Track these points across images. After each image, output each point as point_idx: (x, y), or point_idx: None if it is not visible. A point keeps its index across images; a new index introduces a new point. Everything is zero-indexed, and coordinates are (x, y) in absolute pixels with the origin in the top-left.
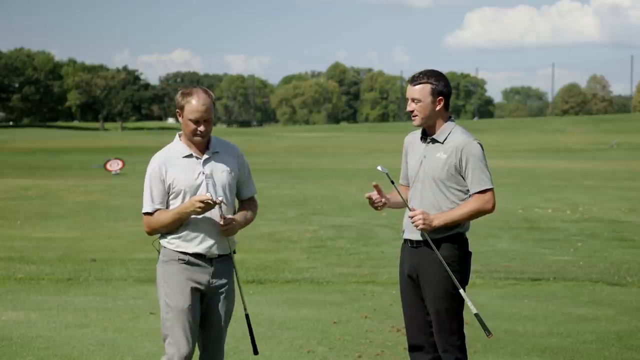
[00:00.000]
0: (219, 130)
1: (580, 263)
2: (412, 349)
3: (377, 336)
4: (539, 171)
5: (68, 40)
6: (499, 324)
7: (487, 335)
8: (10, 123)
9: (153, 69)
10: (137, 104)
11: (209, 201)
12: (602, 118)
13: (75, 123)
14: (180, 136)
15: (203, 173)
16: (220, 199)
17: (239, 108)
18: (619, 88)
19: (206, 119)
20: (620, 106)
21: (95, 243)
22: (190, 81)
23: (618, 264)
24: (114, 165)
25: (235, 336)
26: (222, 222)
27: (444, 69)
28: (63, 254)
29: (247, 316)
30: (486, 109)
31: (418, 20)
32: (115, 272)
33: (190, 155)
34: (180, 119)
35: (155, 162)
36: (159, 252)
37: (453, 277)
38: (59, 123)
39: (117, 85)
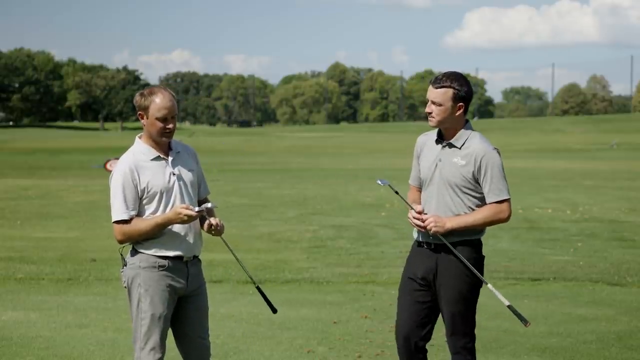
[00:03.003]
0: (219, 131)
1: (580, 263)
2: (402, 348)
3: (377, 336)
4: (539, 171)
5: (68, 40)
6: (499, 323)
7: (525, 325)
8: (10, 123)
9: (153, 69)
10: None
11: (195, 213)
12: (602, 118)
13: (75, 123)
14: (140, 138)
15: (174, 174)
16: (203, 208)
17: (239, 108)
18: (619, 88)
19: (173, 116)
20: (620, 106)
21: (95, 243)
22: (190, 81)
23: (618, 264)
24: (114, 165)
25: (235, 336)
26: (214, 224)
27: (443, 69)
28: (63, 254)
29: (258, 287)
30: (486, 109)
31: (417, 20)
32: (115, 272)
33: (158, 157)
34: (143, 120)
35: (125, 166)
36: (123, 257)
37: (477, 273)
38: (59, 123)
39: (117, 85)
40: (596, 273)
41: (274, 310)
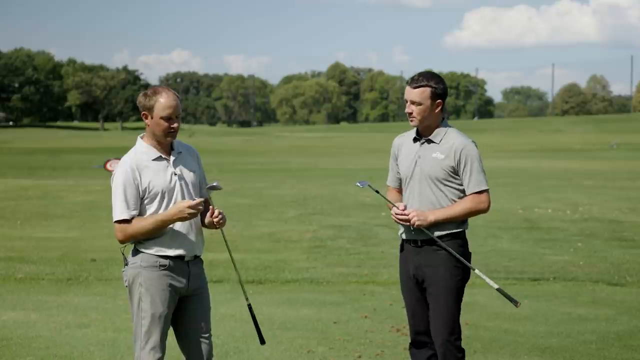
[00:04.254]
0: (219, 130)
1: (580, 263)
2: (415, 345)
3: (377, 336)
4: (539, 171)
5: (68, 40)
6: (499, 324)
7: (516, 305)
8: (10, 123)
9: (153, 69)
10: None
11: (198, 207)
12: (602, 118)
13: (75, 123)
14: (142, 138)
15: (175, 174)
16: (209, 185)
17: (239, 108)
18: (619, 88)
19: (177, 115)
20: (620, 106)
21: (95, 243)
22: (190, 81)
23: (618, 264)
24: (114, 165)
25: (235, 336)
26: (215, 214)
27: (443, 69)
28: (63, 254)
29: (249, 306)
30: (486, 109)
31: (417, 20)
32: (115, 272)
33: (159, 158)
34: (147, 120)
35: (126, 166)
36: (125, 256)
37: (464, 260)
38: (59, 123)
39: (117, 85)
40: (596, 273)
41: (262, 342)
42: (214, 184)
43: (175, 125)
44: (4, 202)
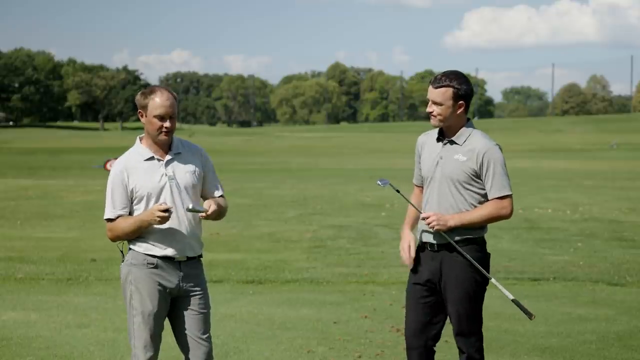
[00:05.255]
0: (219, 130)
1: (580, 263)
2: (411, 347)
3: (377, 336)
4: (539, 171)
5: (68, 40)
6: (499, 324)
7: (530, 318)
8: (10, 123)
9: (153, 69)
10: None
11: (169, 209)
12: (602, 118)
13: (75, 123)
14: (141, 139)
15: (166, 175)
16: (189, 206)
17: (239, 108)
18: (619, 88)
19: (171, 115)
20: (620, 106)
21: (95, 243)
22: (190, 81)
23: (618, 264)
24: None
25: (235, 336)
26: (209, 208)
27: (443, 69)
28: (63, 254)
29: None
30: (486, 109)
31: (417, 20)
32: (115, 272)
33: (151, 158)
34: (143, 119)
35: (117, 167)
36: (123, 254)
37: (481, 268)
38: (59, 123)
39: (117, 85)
40: (596, 273)
41: None
42: (190, 207)
43: (167, 124)
44: (4, 202)
